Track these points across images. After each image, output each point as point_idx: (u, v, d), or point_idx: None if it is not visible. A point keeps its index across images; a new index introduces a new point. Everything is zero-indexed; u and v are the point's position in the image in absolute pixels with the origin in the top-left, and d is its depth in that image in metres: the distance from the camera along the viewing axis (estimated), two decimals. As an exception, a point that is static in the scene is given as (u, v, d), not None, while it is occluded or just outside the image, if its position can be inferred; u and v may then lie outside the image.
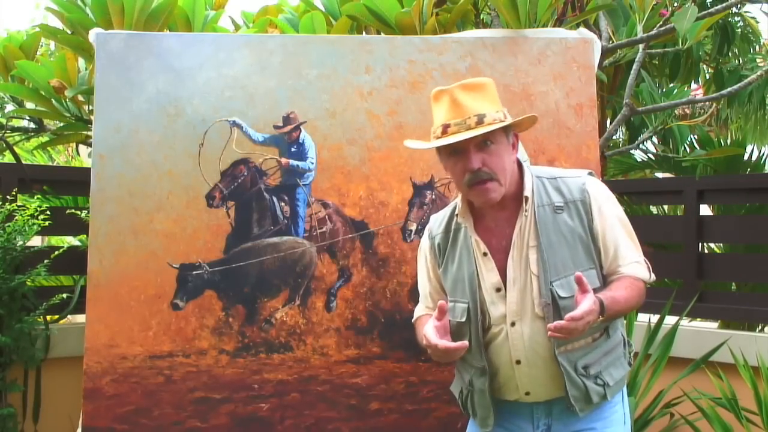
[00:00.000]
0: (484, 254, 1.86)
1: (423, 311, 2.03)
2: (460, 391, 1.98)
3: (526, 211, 1.83)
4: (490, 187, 1.79)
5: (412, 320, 2.08)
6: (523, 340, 1.81)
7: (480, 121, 1.75)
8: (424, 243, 2.03)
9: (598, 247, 1.84)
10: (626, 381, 1.93)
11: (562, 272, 1.80)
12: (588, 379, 1.81)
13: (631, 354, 1.94)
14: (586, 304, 1.64)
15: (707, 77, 5.34)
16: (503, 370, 1.84)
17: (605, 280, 1.86)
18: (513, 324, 1.82)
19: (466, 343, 1.76)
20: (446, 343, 1.74)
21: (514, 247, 1.83)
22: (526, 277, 1.81)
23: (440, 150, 1.85)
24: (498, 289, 1.83)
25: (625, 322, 1.98)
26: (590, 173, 1.94)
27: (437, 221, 2.00)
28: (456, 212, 1.92)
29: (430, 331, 1.75)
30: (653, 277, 1.87)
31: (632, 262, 1.84)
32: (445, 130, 1.78)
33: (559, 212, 1.83)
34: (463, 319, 1.86)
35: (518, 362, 1.82)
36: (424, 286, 2.04)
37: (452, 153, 1.81)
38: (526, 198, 1.83)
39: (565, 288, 1.78)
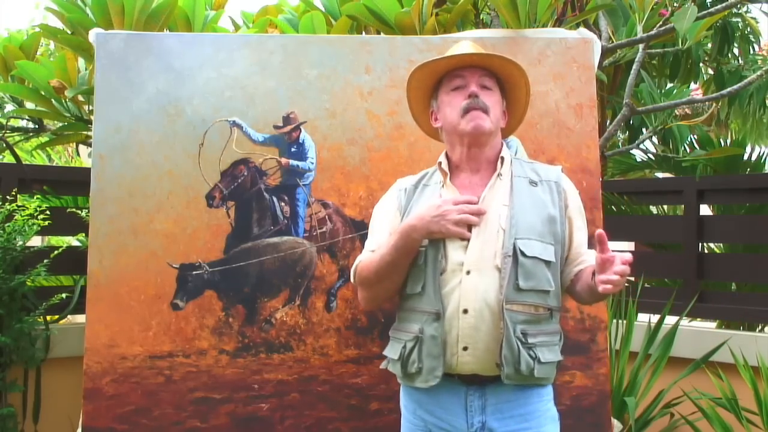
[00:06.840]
0: None
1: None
2: (402, 347, 1.93)
3: (500, 175, 1.94)
4: (484, 116, 1.91)
5: (354, 268, 2.02)
6: (476, 290, 1.84)
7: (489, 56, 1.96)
8: (390, 194, 2.09)
9: (564, 233, 1.93)
10: (555, 375, 1.94)
11: (527, 234, 1.87)
12: (523, 345, 1.83)
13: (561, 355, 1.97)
14: (627, 256, 1.71)
15: (707, 77, 5.35)
16: (448, 318, 1.86)
17: (565, 265, 1.94)
18: (468, 273, 1.85)
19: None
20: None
21: (483, 201, 1.90)
22: (491, 230, 1.87)
23: (443, 88, 1.99)
24: (462, 238, 1.88)
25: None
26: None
27: (407, 179, 2.09)
28: (433, 169, 2.03)
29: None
30: None
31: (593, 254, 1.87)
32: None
33: (534, 186, 1.95)
34: (421, 262, 1.90)
35: (465, 311, 1.84)
36: (380, 235, 2.01)
37: (455, 89, 1.96)
38: (502, 158, 1.95)
39: (527, 247, 1.86)
